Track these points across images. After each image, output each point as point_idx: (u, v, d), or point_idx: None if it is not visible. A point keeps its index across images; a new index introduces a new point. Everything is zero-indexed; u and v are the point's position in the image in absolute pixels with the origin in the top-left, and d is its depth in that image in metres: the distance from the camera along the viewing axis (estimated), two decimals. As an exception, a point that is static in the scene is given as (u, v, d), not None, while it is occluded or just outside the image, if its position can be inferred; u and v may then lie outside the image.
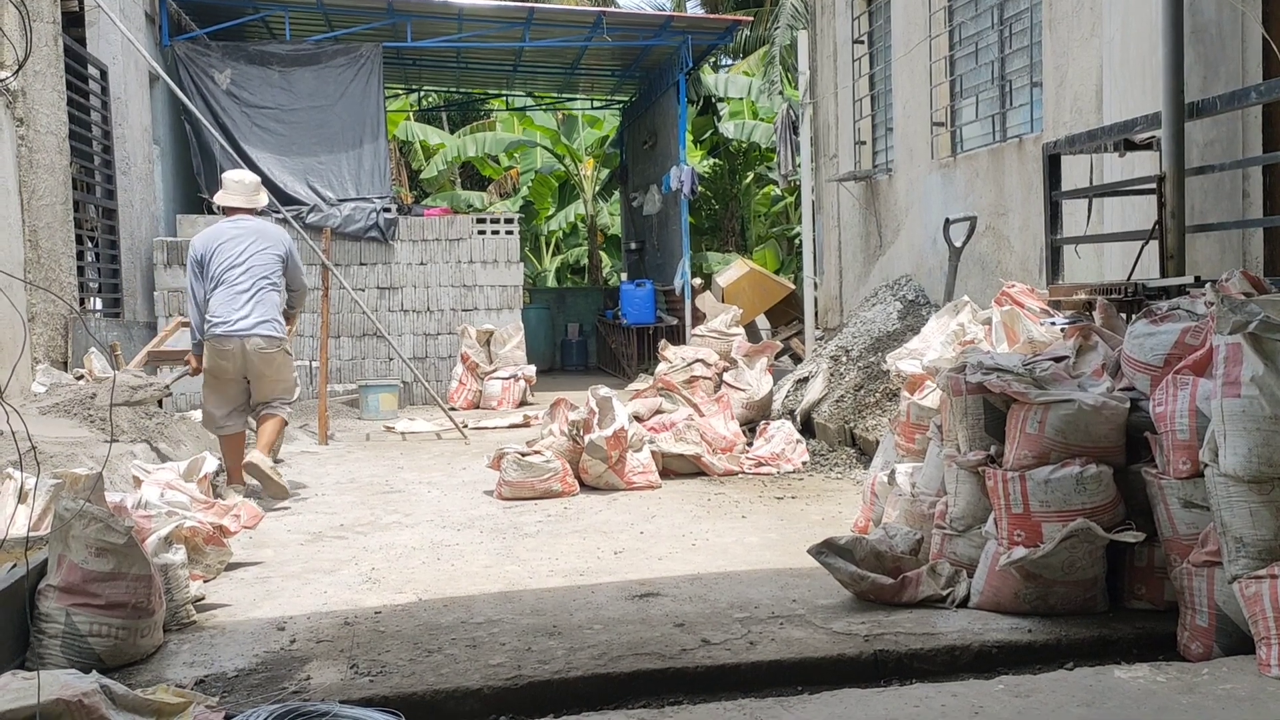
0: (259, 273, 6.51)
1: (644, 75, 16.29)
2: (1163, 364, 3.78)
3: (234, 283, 6.45)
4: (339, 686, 3.24)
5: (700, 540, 5.18)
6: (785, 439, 7.33)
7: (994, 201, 8.01)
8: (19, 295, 7.52)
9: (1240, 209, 5.46)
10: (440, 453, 8.41)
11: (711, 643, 3.54)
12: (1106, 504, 3.66)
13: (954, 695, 3.02)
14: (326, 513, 6.10)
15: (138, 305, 11.13)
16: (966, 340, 5.76)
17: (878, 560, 4.01)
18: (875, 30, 10.67)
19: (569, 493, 6.41)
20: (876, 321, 9.09)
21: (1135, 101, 5.62)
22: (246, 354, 6.43)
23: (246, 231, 6.62)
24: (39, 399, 7.00)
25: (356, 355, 12.17)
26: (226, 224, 6.71)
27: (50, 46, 8.58)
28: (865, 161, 10.81)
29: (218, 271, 6.48)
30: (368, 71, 12.56)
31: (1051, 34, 7.12)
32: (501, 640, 3.64)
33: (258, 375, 6.54)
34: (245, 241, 6.56)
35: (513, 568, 4.73)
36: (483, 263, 12.62)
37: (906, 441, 5.16)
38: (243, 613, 4.10)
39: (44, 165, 8.35)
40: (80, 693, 2.79)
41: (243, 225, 6.67)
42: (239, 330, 6.39)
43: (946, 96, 9.01)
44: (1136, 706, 2.88)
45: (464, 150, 20.57)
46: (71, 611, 3.45)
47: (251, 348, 6.42)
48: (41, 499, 4.17)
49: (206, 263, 6.51)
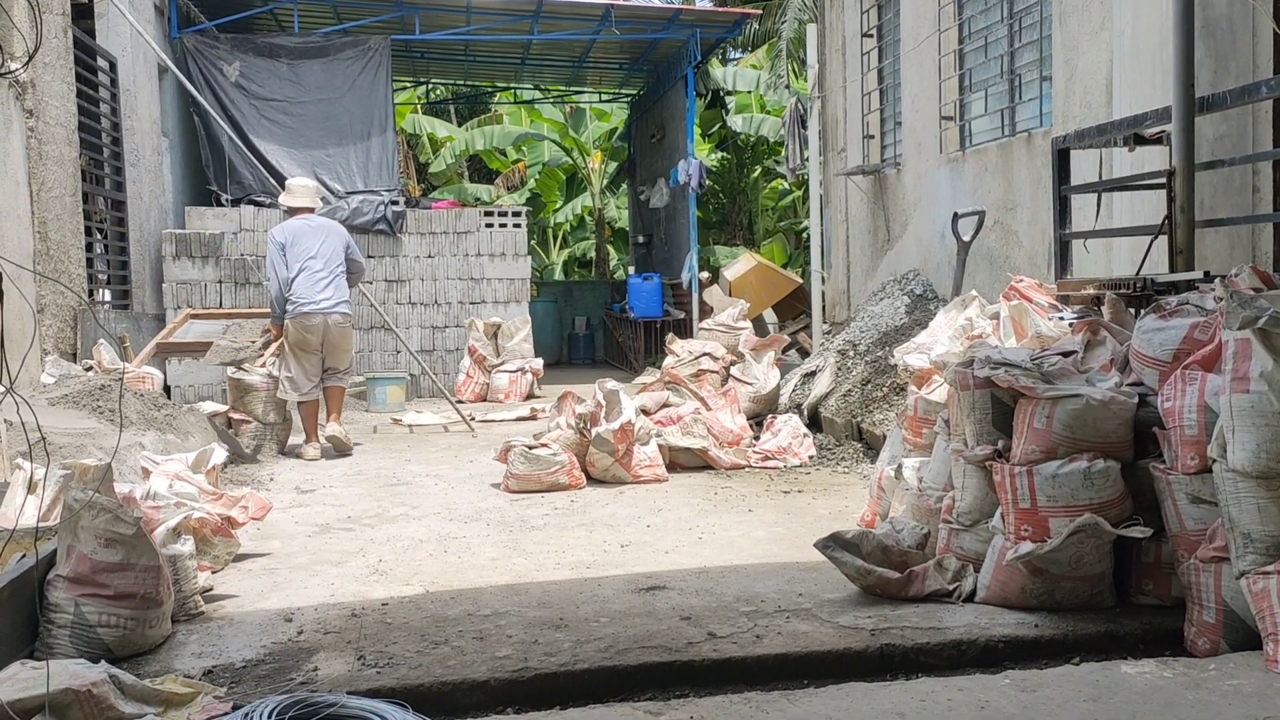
0: (333, 261, 7.99)
1: (652, 68, 16.27)
2: (1171, 359, 3.77)
3: (314, 270, 7.89)
4: (346, 678, 3.25)
5: (707, 534, 5.18)
6: (792, 433, 7.32)
7: (1002, 196, 7.99)
8: (28, 286, 7.54)
9: (1250, 204, 5.45)
10: (447, 445, 8.42)
11: (718, 636, 3.54)
12: (1114, 499, 3.65)
13: (960, 690, 3.02)
14: (334, 505, 6.12)
15: (146, 297, 11.15)
16: (974, 335, 5.75)
17: (884, 555, 4.01)
18: (884, 24, 10.64)
19: (576, 486, 6.42)
20: (884, 316, 9.07)
21: (1145, 96, 5.60)
22: (328, 328, 7.92)
23: (318, 228, 8.09)
24: (48, 390, 7.02)
25: (364, 348, 12.18)
26: (298, 221, 8.08)
27: (60, 38, 8.59)
28: (873, 155, 10.79)
29: (298, 260, 7.88)
30: (376, 64, 12.57)
31: (1061, 28, 7.10)
32: (508, 633, 3.65)
33: (333, 346, 8.02)
34: (320, 236, 8.01)
35: (519, 560, 4.74)
36: (490, 256, 12.63)
37: (914, 436, 5.16)
38: (250, 604, 4.12)
39: (53, 157, 8.37)
40: (89, 682, 2.81)
41: (313, 222, 8.13)
42: (322, 308, 7.87)
43: (955, 90, 8.99)
44: (1143, 702, 2.88)
45: (472, 143, 20.56)
46: (80, 602, 3.47)
47: (332, 323, 7.92)
48: (51, 490, 4.18)
49: (287, 249, 7.90)
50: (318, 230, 8.04)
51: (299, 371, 7.93)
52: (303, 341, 7.89)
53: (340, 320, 7.96)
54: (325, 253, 7.95)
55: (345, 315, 8.01)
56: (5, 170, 7.59)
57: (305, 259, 7.87)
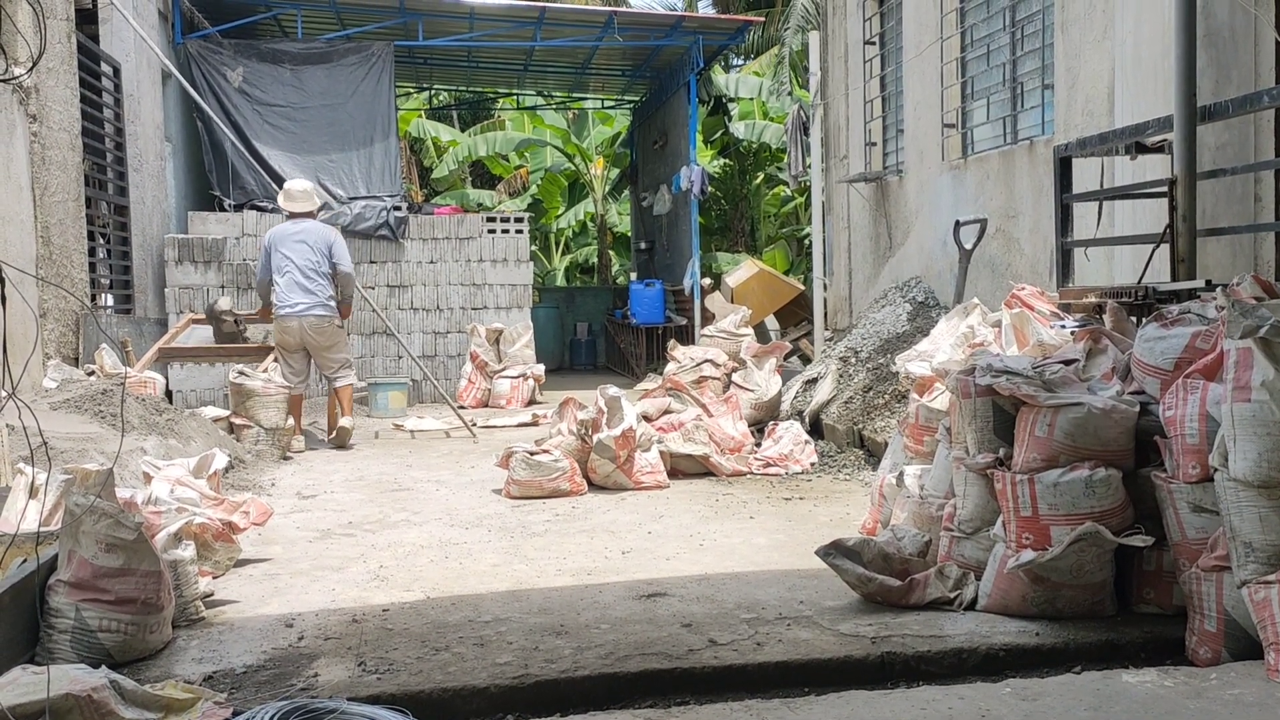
0: (310, 266, 8.36)
1: (655, 75, 16.29)
2: (1173, 368, 3.77)
3: (292, 275, 8.35)
4: (347, 684, 3.25)
5: (708, 540, 5.18)
6: (793, 440, 7.32)
7: (1004, 204, 8.00)
8: (31, 291, 7.55)
9: (1252, 213, 5.45)
10: (449, 451, 8.42)
11: (719, 643, 3.54)
12: (1115, 508, 3.65)
13: (961, 698, 3.02)
14: (335, 510, 6.12)
15: (149, 302, 11.16)
16: (976, 342, 5.75)
17: (885, 562, 4.00)
18: (886, 31, 10.66)
19: (577, 492, 6.42)
20: (886, 323, 9.07)
21: (1147, 104, 5.60)
22: (304, 330, 8.38)
23: (302, 231, 8.46)
24: (50, 394, 7.03)
25: (366, 353, 12.19)
26: (287, 225, 8.54)
27: (64, 43, 8.61)
28: (876, 163, 10.79)
29: (279, 264, 8.38)
30: (379, 70, 12.58)
31: (1064, 36, 7.11)
32: (509, 639, 3.64)
33: (315, 347, 8.49)
34: (301, 241, 8.40)
35: (520, 567, 4.74)
36: (492, 261, 12.63)
37: (915, 443, 5.15)
38: (251, 609, 4.12)
39: (56, 162, 8.39)
40: (90, 688, 2.81)
41: (300, 225, 8.51)
42: (297, 311, 8.36)
43: (958, 98, 9.00)
44: (1144, 711, 2.87)
45: (475, 149, 20.59)
46: (81, 607, 3.47)
47: (307, 324, 8.37)
48: (52, 494, 4.19)
49: (271, 253, 8.44)
50: (302, 234, 8.45)
51: (285, 368, 8.55)
52: (283, 341, 8.53)
53: (315, 321, 8.39)
54: (304, 257, 8.36)
55: (320, 316, 8.42)
56: (9, 175, 7.61)
57: (284, 263, 8.37)
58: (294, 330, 8.39)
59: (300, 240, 8.40)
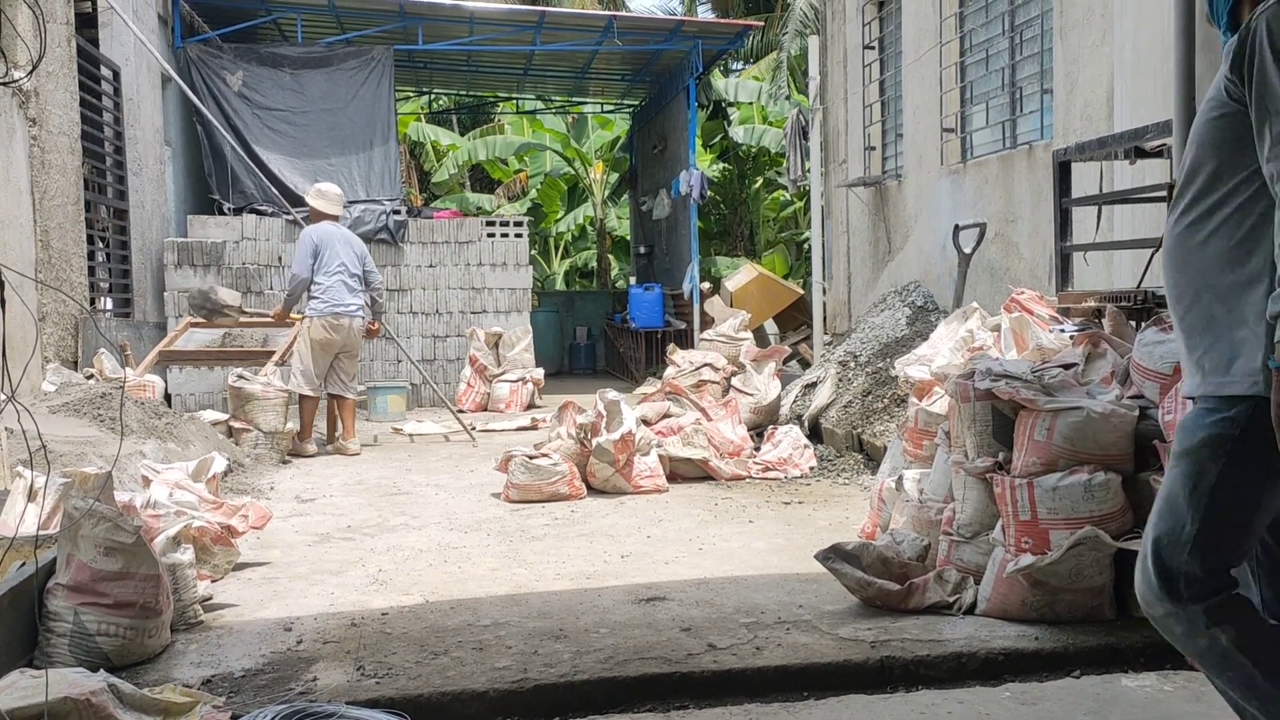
0: (354, 270, 8.45)
1: (654, 79, 16.30)
2: (1172, 372, 3.76)
3: (345, 277, 8.38)
4: (345, 688, 3.25)
5: (707, 545, 5.18)
6: (793, 444, 7.32)
7: (1003, 208, 8.01)
8: (30, 295, 7.55)
9: (1251, 217, 5.44)
10: (448, 455, 8.42)
11: (718, 647, 3.54)
12: (1115, 512, 3.65)
13: (960, 703, 3.02)
14: (334, 514, 6.12)
15: (148, 305, 11.16)
16: (975, 347, 5.75)
17: (884, 566, 4.00)
18: (886, 36, 10.67)
19: (576, 496, 6.42)
20: (885, 327, 9.08)
21: (1146, 109, 5.61)
22: (352, 330, 8.41)
23: (347, 238, 8.61)
24: (49, 398, 7.03)
25: (365, 357, 12.13)
26: (331, 226, 8.56)
27: (63, 47, 8.62)
28: (875, 167, 10.80)
29: (329, 263, 8.34)
30: (379, 74, 12.59)
31: (1062, 41, 7.12)
32: (508, 643, 3.64)
33: (350, 350, 8.54)
34: (349, 245, 8.52)
35: (520, 570, 4.73)
36: (492, 265, 12.64)
37: (914, 447, 5.15)
38: (250, 613, 4.11)
39: (56, 165, 8.39)
40: (88, 691, 2.80)
41: (340, 229, 8.67)
42: (350, 311, 8.37)
43: (957, 103, 9.01)
44: (1143, 715, 2.87)
45: (474, 153, 20.60)
46: (80, 610, 3.46)
47: (355, 326, 8.44)
48: (51, 497, 4.18)
49: (321, 251, 8.34)
50: (348, 240, 8.59)
51: (313, 367, 8.39)
52: (327, 341, 8.37)
53: (361, 325, 8.54)
54: (351, 260, 8.46)
55: (364, 321, 8.58)
56: (8, 178, 7.61)
57: (337, 264, 8.37)
58: (345, 330, 8.37)
59: (346, 243, 8.52)
